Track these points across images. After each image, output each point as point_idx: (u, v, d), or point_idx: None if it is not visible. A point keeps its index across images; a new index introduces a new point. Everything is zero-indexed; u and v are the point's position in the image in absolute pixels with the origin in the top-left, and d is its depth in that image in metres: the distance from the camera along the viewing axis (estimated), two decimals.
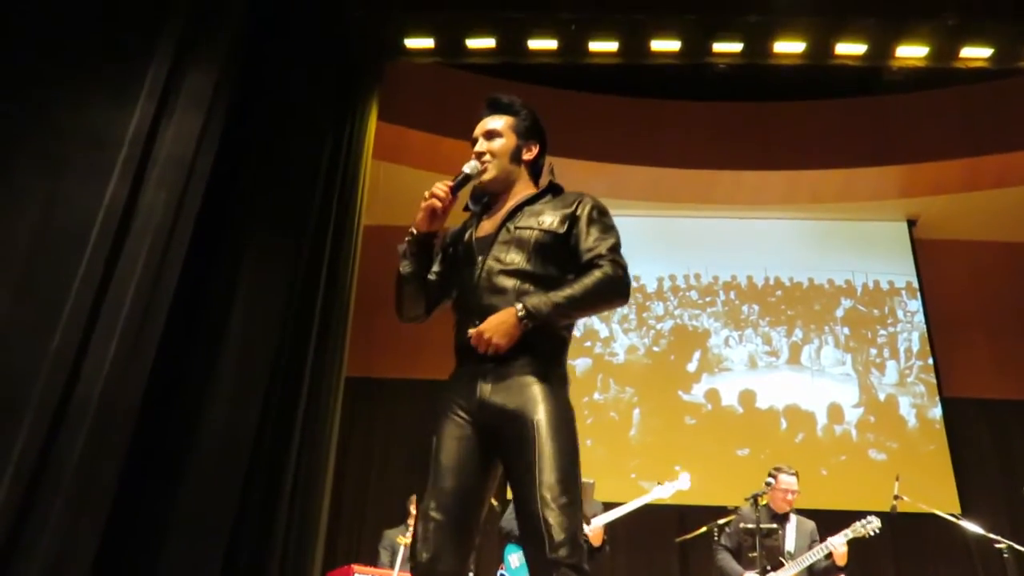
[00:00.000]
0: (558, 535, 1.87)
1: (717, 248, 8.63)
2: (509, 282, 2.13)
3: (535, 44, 6.22)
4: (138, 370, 3.78)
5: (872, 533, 4.84)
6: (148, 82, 4.25)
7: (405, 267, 2.27)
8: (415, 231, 2.26)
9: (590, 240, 2.18)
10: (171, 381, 4.18)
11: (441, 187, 2.21)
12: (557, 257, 2.19)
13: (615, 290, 2.14)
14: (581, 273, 2.15)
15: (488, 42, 6.25)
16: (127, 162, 4.00)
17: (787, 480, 5.02)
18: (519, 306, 2.04)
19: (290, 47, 5.42)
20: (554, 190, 2.34)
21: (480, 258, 2.20)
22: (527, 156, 2.36)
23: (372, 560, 5.48)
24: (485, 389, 2.06)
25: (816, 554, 4.79)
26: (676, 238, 8.67)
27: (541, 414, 1.99)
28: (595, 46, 6.35)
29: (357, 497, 7.68)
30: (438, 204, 2.21)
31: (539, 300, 2.05)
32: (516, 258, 2.16)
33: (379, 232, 7.53)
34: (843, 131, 8.13)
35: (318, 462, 4.78)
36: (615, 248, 2.18)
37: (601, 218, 2.23)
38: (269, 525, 4.36)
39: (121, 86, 4.24)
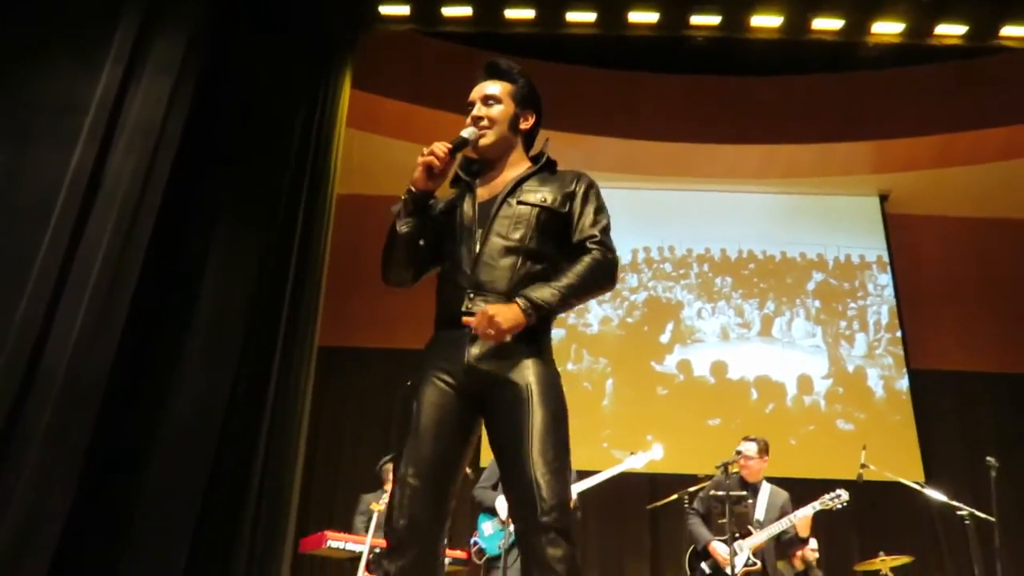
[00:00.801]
0: (549, 499, 1.87)
1: (691, 221, 8.66)
2: (508, 258, 2.12)
3: (512, 13, 6.18)
4: (107, 339, 3.76)
5: (840, 506, 4.92)
6: (115, 47, 4.18)
7: (402, 226, 2.21)
8: (413, 189, 2.21)
9: (585, 221, 2.19)
10: (141, 350, 4.16)
11: (440, 146, 2.18)
12: (556, 235, 2.19)
13: (606, 275, 2.16)
14: (573, 254, 2.17)
15: (464, 10, 6.19)
16: (94, 128, 3.95)
17: (740, 447, 5.07)
18: (523, 302, 2.02)
19: (263, 13, 5.34)
20: (550, 165, 2.32)
21: (479, 231, 2.16)
22: (524, 125, 2.33)
23: (345, 526, 5.51)
24: (472, 354, 2.04)
25: (783, 524, 4.88)
26: (651, 211, 8.69)
27: (532, 380, 2.00)
28: (572, 16, 6.31)
29: (330, 465, 7.70)
30: (436, 161, 2.16)
31: (544, 293, 2.05)
32: (517, 234, 2.14)
33: (353, 201, 7.48)
34: (818, 106, 8.16)
35: (290, 431, 4.79)
36: (606, 230, 2.20)
37: (596, 198, 2.24)
38: (241, 493, 4.37)
39: (87, 51, 4.17)
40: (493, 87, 2.31)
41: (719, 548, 4.87)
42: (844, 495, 4.90)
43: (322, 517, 7.10)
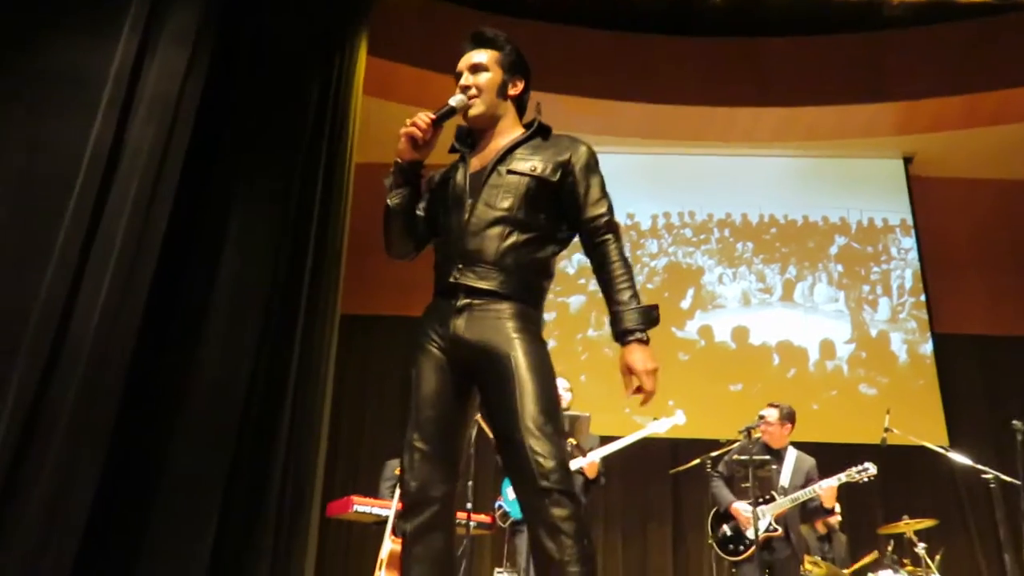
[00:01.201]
0: (547, 463, 1.89)
1: (712, 186, 8.58)
2: (496, 228, 2.11)
3: None
4: (131, 309, 3.78)
5: (866, 480, 4.89)
6: (130, 18, 4.15)
7: (392, 199, 2.24)
8: (399, 160, 2.24)
9: (592, 196, 2.17)
10: (165, 319, 4.18)
11: (423, 116, 2.18)
12: (546, 205, 2.17)
13: (627, 256, 2.21)
14: (580, 230, 2.18)
15: None
16: (111, 100, 3.93)
17: (762, 412, 5.06)
18: (637, 335, 2.07)
19: None
20: (543, 131, 2.29)
21: (469, 201, 2.16)
22: (512, 91, 2.31)
23: (370, 491, 5.57)
24: (459, 326, 2.07)
25: (807, 493, 4.86)
26: (670, 176, 8.61)
27: (517, 349, 2.01)
28: None
29: (354, 431, 7.79)
30: (417, 132, 2.17)
31: (635, 313, 2.09)
32: (505, 204, 2.13)
33: (370, 170, 7.45)
34: (839, 67, 8.00)
35: (315, 397, 4.83)
36: (612, 207, 2.20)
37: (597, 170, 2.22)
38: (267, 459, 4.41)
39: (102, 22, 4.14)
40: (480, 55, 2.30)
41: (741, 509, 4.88)
42: (872, 469, 4.86)
43: (347, 482, 7.19)
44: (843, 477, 4.89)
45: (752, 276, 8.30)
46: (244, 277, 4.53)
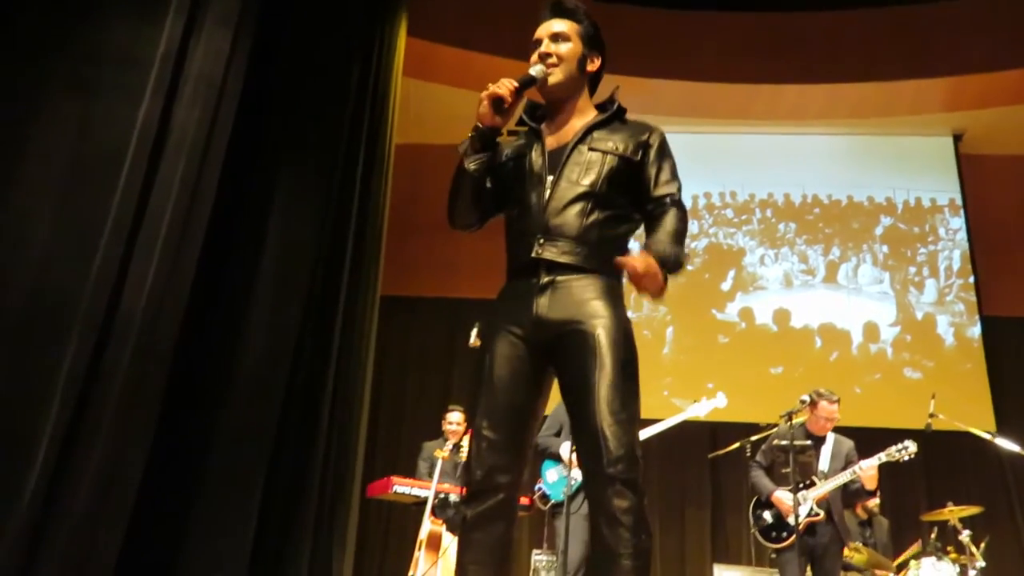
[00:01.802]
0: (616, 449, 1.87)
1: (754, 165, 8.46)
2: (578, 204, 2.08)
3: None
4: (178, 287, 3.84)
5: (907, 458, 4.82)
6: (175, 1, 4.19)
7: (471, 163, 2.17)
8: (480, 125, 2.17)
9: (664, 176, 2.17)
10: (211, 299, 4.25)
11: (507, 81, 2.13)
12: (627, 183, 2.15)
13: (686, 231, 2.16)
14: (648, 207, 2.15)
15: None
16: (158, 81, 3.98)
17: (828, 408, 4.96)
18: (670, 259, 2.00)
19: None
20: (620, 114, 2.26)
21: (550, 177, 2.13)
22: (591, 67, 2.27)
23: (410, 472, 5.63)
24: (542, 304, 2.03)
25: (847, 475, 4.80)
26: (712, 155, 8.50)
27: (601, 328, 1.97)
28: None
29: (395, 412, 7.86)
30: (504, 92, 2.11)
31: (667, 247, 2.02)
32: (588, 180, 2.11)
33: (410, 151, 7.48)
34: (886, 42, 7.80)
35: (355, 379, 4.88)
36: (680, 189, 2.19)
37: (671, 155, 2.22)
38: (309, 441, 4.48)
39: (148, 4, 4.19)
40: (561, 25, 2.24)
41: (783, 497, 4.83)
42: (912, 447, 4.80)
43: (387, 463, 7.27)
44: (883, 456, 4.82)
45: (794, 257, 8.18)
46: (286, 259, 4.58)
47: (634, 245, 2.20)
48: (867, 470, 4.75)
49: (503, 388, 2.02)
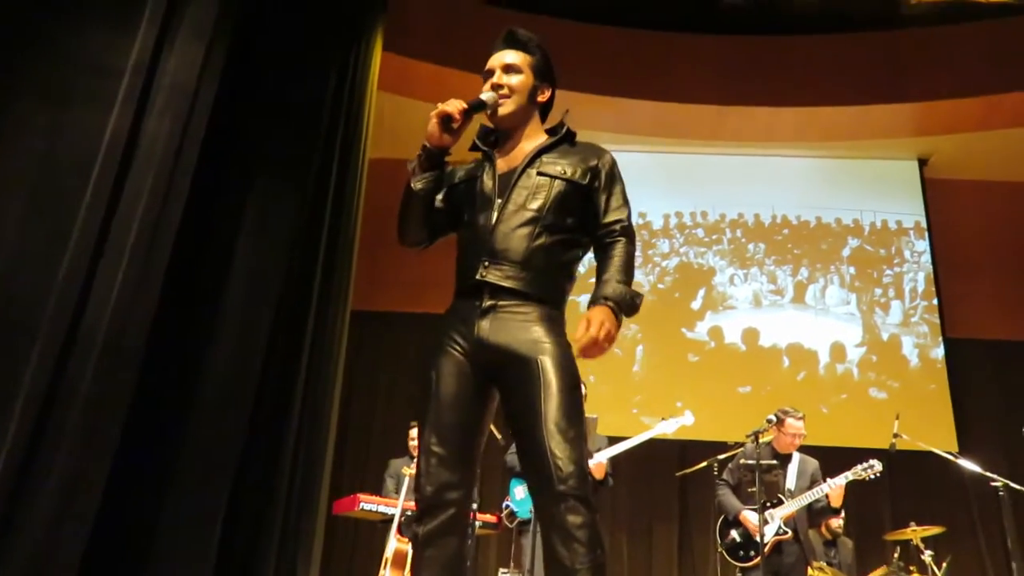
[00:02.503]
0: (566, 467, 1.89)
1: (724, 185, 8.55)
2: (526, 228, 2.12)
3: None
4: (145, 300, 3.80)
5: (872, 477, 4.88)
6: (149, 9, 4.17)
7: (417, 182, 2.21)
8: (427, 144, 2.21)
9: (614, 202, 2.21)
10: (178, 311, 4.20)
11: (456, 102, 2.17)
12: (574, 208, 2.19)
13: (634, 259, 2.22)
14: (597, 233, 2.19)
15: None
16: (130, 90, 3.95)
17: (794, 425, 5.02)
18: (609, 303, 2.05)
19: None
20: (570, 137, 2.31)
21: (498, 200, 2.17)
22: (541, 98, 2.33)
23: (377, 489, 5.59)
24: (484, 328, 2.06)
25: (814, 494, 4.86)
26: (683, 175, 8.59)
27: (545, 355, 2.01)
28: None
29: (362, 428, 7.80)
30: (451, 111, 2.15)
31: (618, 288, 2.08)
32: (535, 204, 2.14)
33: (384, 165, 7.47)
34: (857, 67, 7.95)
35: (324, 393, 4.84)
36: (630, 215, 2.23)
37: (620, 178, 2.26)
38: (277, 455, 4.43)
39: (122, 14, 4.16)
40: (513, 56, 2.30)
41: (750, 517, 4.86)
42: (877, 465, 4.87)
43: (354, 480, 7.21)
44: (849, 475, 4.88)
45: (763, 277, 8.27)
46: (257, 270, 4.54)
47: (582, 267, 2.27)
48: (835, 489, 4.80)
49: (450, 404, 2.04)
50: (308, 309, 4.75)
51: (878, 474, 4.87)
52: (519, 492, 4.84)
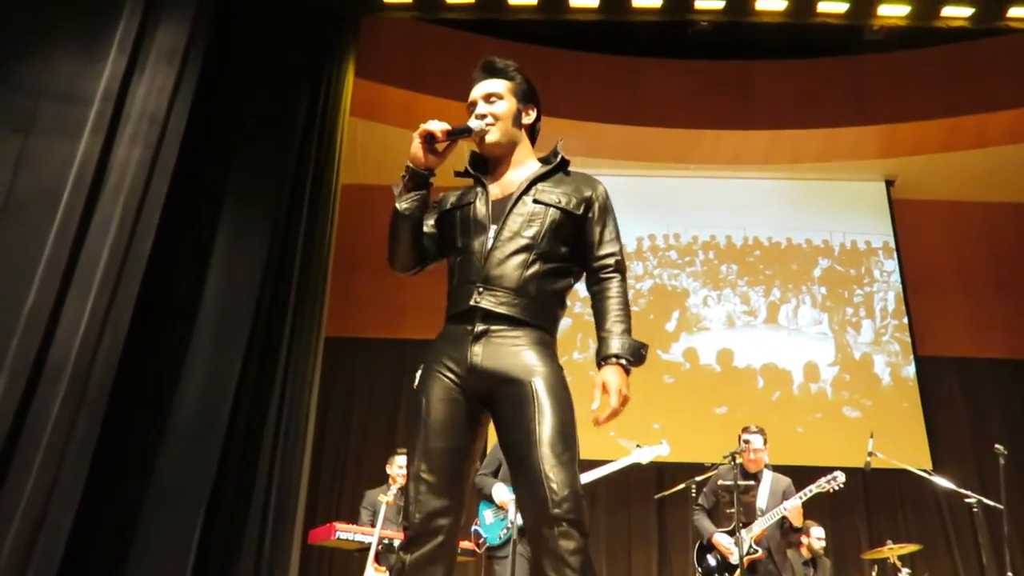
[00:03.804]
0: (561, 491, 1.88)
1: (697, 208, 8.63)
2: (519, 256, 2.12)
3: (515, 0, 6.12)
4: (114, 332, 3.75)
5: (836, 488, 4.89)
6: (118, 36, 4.15)
7: (402, 202, 2.18)
8: (411, 164, 2.18)
9: (607, 235, 2.22)
10: (148, 341, 4.14)
11: (438, 123, 2.16)
12: (567, 237, 2.20)
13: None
14: (589, 265, 2.21)
15: None
16: (99, 118, 3.92)
17: (747, 437, 5.05)
18: (620, 360, 2.07)
19: (266, 2, 5.30)
20: (564, 165, 2.31)
21: (493, 227, 2.16)
22: (526, 120, 2.33)
23: (353, 519, 5.51)
24: (476, 353, 2.05)
25: (775, 514, 4.85)
26: (656, 198, 8.66)
27: (538, 378, 2.01)
28: (576, 2, 6.26)
29: (337, 457, 7.71)
30: (434, 130, 2.14)
31: (624, 342, 2.09)
32: (530, 232, 2.14)
33: (356, 191, 7.46)
34: (824, 91, 8.10)
35: (298, 422, 4.78)
36: (623, 251, 2.25)
37: (613, 211, 2.27)
38: (250, 485, 4.36)
39: (91, 41, 4.14)
40: (493, 84, 2.29)
41: (721, 540, 4.89)
42: (841, 476, 4.87)
43: (329, 508, 7.12)
44: (813, 488, 4.88)
45: (736, 298, 8.34)
46: (229, 297, 4.50)
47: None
48: (791, 510, 4.81)
49: (440, 431, 2.03)
50: (281, 337, 4.70)
51: (842, 485, 4.88)
52: (488, 516, 4.76)
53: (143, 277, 3.92)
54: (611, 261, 2.20)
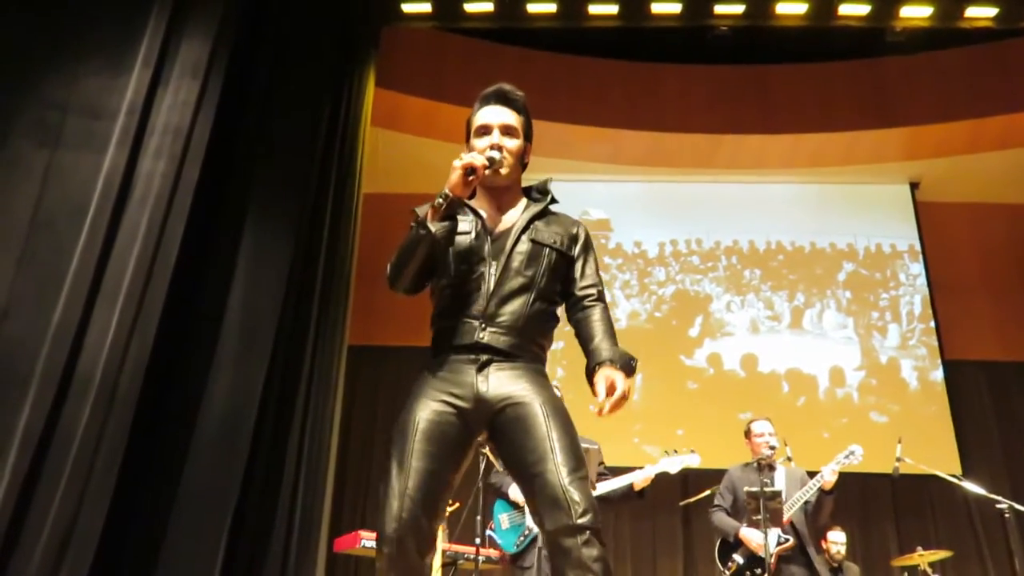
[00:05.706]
0: (582, 502, 1.94)
1: (719, 213, 8.59)
2: (522, 295, 2.17)
3: (534, 8, 6.15)
4: (141, 341, 3.79)
5: (857, 461, 4.84)
6: (143, 51, 4.21)
7: (437, 228, 2.13)
8: (450, 194, 2.14)
9: (589, 269, 2.31)
10: (174, 351, 4.19)
11: (479, 156, 2.17)
12: (562, 275, 2.28)
13: None
14: (572, 299, 2.28)
15: (486, 6, 6.17)
16: (124, 132, 3.98)
17: (759, 427, 4.98)
18: (615, 365, 2.11)
19: (287, 14, 5.36)
20: (553, 202, 2.37)
21: (494, 263, 2.19)
22: (527, 159, 2.38)
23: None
24: (482, 381, 2.10)
25: (809, 489, 4.79)
26: (677, 203, 8.63)
27: (543, 397, 2.09)
28: (595, 9, 6.27)
29: (362, 465, 7.73)
30: (477, 164, 2.13)
31: (616, 351, 2.16)
32: (531, 272, 2.20)
33: (378, 200, 7.50)
34: (845, 94, 8.05)
35: (322, 430, 4.81)
36: (601, 281, 2.35)
37: (594, 250, 2.37)
38: (275, 493, 4.39)
39: (116, 55, 4.20)
40: (511, 117, 2.30)
41: (749, 535, 4.79)
42: (859, 450, 4.83)
43: (354, 516, 7.14)
44: (833, 465, 4.81)
45: (760, 303, 8.27)
46: (254, 306, 4.53)
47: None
48: (828, 474, 4.75)
49: (430, 453, 2.05)
50: (305, 346, 4.73)
51: (860, 458, 4.82)
52: (504, 520, 4.68)
53: (169, 288, 3.96)
54: (594, 291, 2.28)
